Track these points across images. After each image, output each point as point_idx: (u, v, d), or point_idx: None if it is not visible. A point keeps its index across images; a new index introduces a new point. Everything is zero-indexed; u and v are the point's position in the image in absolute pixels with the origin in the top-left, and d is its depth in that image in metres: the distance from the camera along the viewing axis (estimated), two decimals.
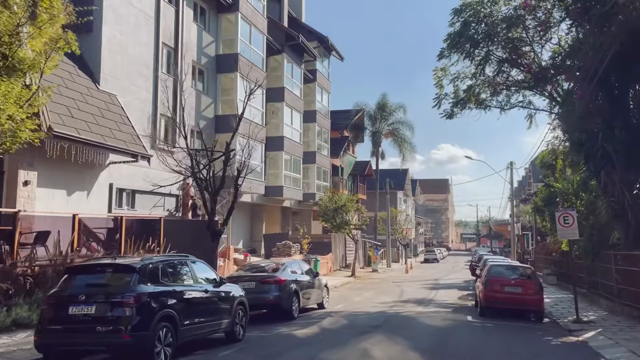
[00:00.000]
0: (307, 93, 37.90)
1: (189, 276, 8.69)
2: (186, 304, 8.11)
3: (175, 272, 8.47)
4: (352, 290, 21.99)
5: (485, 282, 14.74)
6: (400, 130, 50.07)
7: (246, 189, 26.44)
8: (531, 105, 21.95)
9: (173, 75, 22.41)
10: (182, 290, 8.19)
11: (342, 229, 30.56)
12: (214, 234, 13.89)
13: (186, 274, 8.67)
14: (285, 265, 13.46)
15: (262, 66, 28.76)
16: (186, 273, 8.68)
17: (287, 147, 31.78)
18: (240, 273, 13.17)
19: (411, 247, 75.14)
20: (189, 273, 8.71)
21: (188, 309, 8.18)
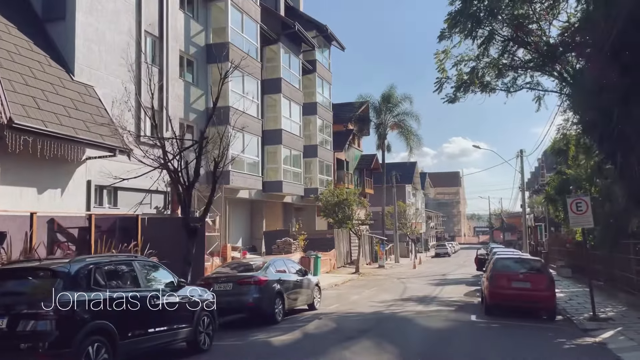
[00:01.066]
0: (306, 85, 36.65)
1: (135, 280, 7.46)
2: (128, 313, 6.90)
3: (116, 275, 7.25)
4: (352, 288, 20.74)
5: (491, 277, 13.41)
6: (406, 121, 48.50)
7: (241, 185, 25.31)
8: (539, 86, 20.50)
9: (158, 66, 21.30)
10: (123, 297, 6.96)
11: (344, 224, 29.27)
12: (190, 231, 12.68)
13: (131, 277, 7.44)
14: (268, 263, 12.23)
15: (257, 56, 27.55)
16: (131, 276, 7.45)
17: (286, 141, 30.56)
18: (217, 273, 11.97)
19: (422, 242, 73.68)
20: (135, 276, 7.48)
21: (131, 318, 6.99)
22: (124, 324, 6.79)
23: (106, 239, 14.78)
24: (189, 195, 12.76)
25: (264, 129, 30.09)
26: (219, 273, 11.98)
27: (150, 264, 8.17)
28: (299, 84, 33.43)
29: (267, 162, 30.28)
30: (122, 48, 19.31)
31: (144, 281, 7.61)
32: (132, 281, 7.41)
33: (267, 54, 30.81)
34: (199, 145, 12.95)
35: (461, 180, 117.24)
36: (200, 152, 12.88)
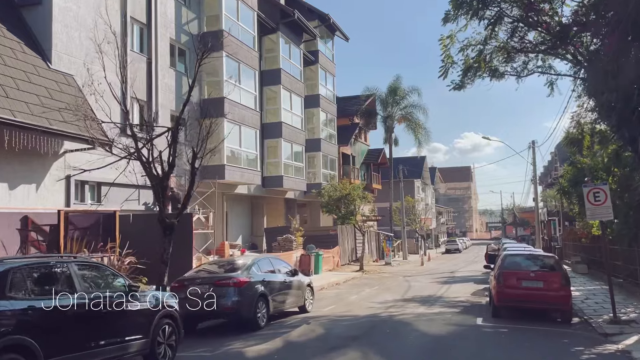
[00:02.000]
0: (309, 76, 35.46)
1: (70, 285, 6.33)
2: (58, 325, 5.80)
3: (44, 280, 6.13)
4: (353, 288, 19.56)
5: (499, 275, 12.16)
6: (414, 114, 47.13)
7: (238, 179, 24.21)
8: (552, 70, 19.12)
9: (146, 55, 20.23)
10: (51, 306, 5.86)
11: (348, 220, 28.07)
12: (166, 228, 11.57)
13: (65, 282, 6.31)
14: (251, 262, 11.08)
15: (254, 45, 26.41)
16: (65, 281, 6.32)
17: (287, 134, 29.40)
18: (194, 274, 10.87)
19: (432, 238, 72.24)
20: (71, 280, 6.35)
21: (62, 331, 5.89)
22: (51, 339, 5.69)
23: (82, 237, 13.80)
24: (164, 189, 11.62)
25: (263, 122, 29.01)
26: (197, 274, 10.84)
27: (93, 266, 7.02)
28: (300, 75, 32.24)
29: (267, 156, 29.17)
30: (105, 36, 18.29)
31: (83, 286, 6.48)
32: (66, 286, 6.28)
33: (266, 44, 29.67)
34: (172, 134, 11.74)
35: (472, 175, 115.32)
36: (175, 140, 11.70)
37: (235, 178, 23.97)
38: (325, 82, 36.90)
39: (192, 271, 11.07)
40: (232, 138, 23.94)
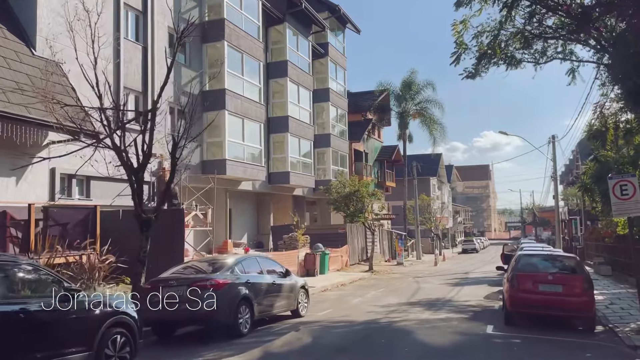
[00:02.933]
0: (318, 70, 34.35)
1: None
2: None
3: None
4: (358, 289, 18.41)
5: (512, 278, 10.91)
6: (429, 109, 45.73)
7: (240, 175, 23.19)
8: (573, 56, 17.74)
9: (142, 43, 19.31)
10: None
11: (356, 218, 26.89)
12: (143, 224, 10.56)
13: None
14: (234, 262, 9.98)
15: (258, 36, 25.36)
16: None
17: (294, 129, 28.32)
18: (170, 274, 9.84)
19: (448, 237, 70.61)
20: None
21: None
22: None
23: (62, 234, 12.89)
24: (139, 180, 10.60)
25: (270, 116, 27.99)
26: (173, 274, 9.79)
27: (19, 267, 5.95)
28: (308, 68, 31.13)
29: (273, 151, 28.14)
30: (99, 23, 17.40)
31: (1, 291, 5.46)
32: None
33: (273, 35, 28.63)
34: (148, 118, 10.72)
35: (491, 174, 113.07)
36: (153, 126, 10.68)
37: (238, 173, 22.96)
38: (336, 76, 35.74)
39: (170, 271, 10.03)
40: (234, 131, 22.98)
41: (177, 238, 15.36)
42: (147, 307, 9.07)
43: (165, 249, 15.01)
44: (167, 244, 15.25)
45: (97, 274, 11.90)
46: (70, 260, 11.72)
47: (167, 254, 13.68)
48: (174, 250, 14.98)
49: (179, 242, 15.33)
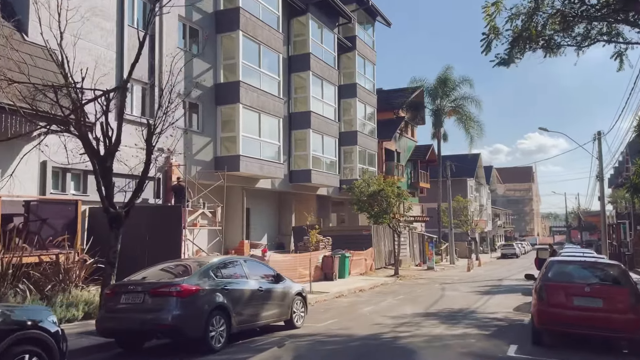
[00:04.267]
0: (346, 65, 32.93)
1: None
2: None
3: None
4: (374, 296, 16.87)
5: (540, 289, 9.20)
6: (465, 106, 43.54)
7: (257, 172, 21.97)
8: (620, 37, 15.74)
9: (149, 32, 18.31)
10: None
11: (381, 219, 25.28)
12: (112, 220, 9.39)
13: None
14: (209, 265, 8.62)
15: (278, 27, 24.14)
16: None
17: (316, 125, 26.97)
18: (134, 278, 8.60)
19: (487, 241, 67.77)
20: None
21: None
22: None
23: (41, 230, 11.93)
24: (107, 170, 9.42)
25: (291, 112, 26.75)
26: (138, 278, 8.54)
27: None
28: (334, 62, 29.73)
29: (294, 148, 26.86)
30: (99, 8, 16.55)
31: None
32: None
33: (295, 27, 27.37)
34: (110, 98, 9.53)
35: (534, 176, 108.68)
36: (122, 107, 9.50)
37: (253, 170, 21.75)
38: (364, 71, 34.18)
39: (141, 274, 8.80)
40: (249, 126, 21.81)
41: (173, 237, 14.25)
42: (104, 316, 7.89)
43: (162, 249, 13.95)
44: (164, 244, 14.18)
45: (74, 275, 10.81)
46: (44, 260, 10.66)
47: (165, 254, 12.58)
48: (171, 250, 13.89)
49: (176, 242, 14.20)
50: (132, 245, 14.19)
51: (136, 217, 14.93)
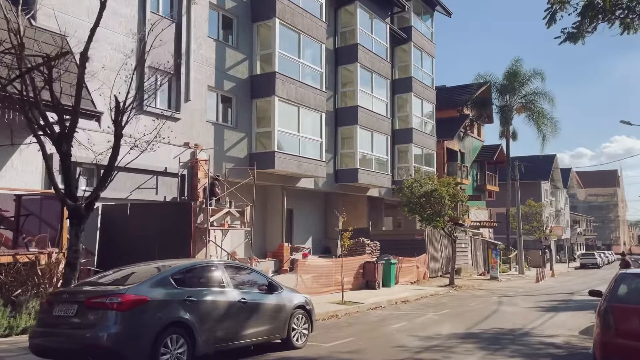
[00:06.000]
0: (401, 58, 30.84)
1: None
2: None
3: None
4: (415, 309, 14.75)
5: (606, 312, 6.89)
6: (537, 102, 39.91)
7: (294, 170, 20.38)
8: None
9: (175, 19, 17.27)
10: None
11: (434, 222, 22.93)
12: (72, 213, 8.05)
13: None
14: (168, 271, 6.93)
15: (321, 15, 22.51)
16: None
17: (364, 120, 25.07)
18: (71, 287, 7.11)
19: (565, 250, 62.61)
20: None
21: None
22: None
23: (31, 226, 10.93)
24: (64, 156, 8.07)
25: (337, 107, 25.03)
26: (81, 286, 7.07)
27: None
28: (385, 54, 27.70)
29: (340, 146, 25.10)
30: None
31: None
32: None
33: (343, 17, 25.66)
34: (54, 65, 8.17)
35: (619, 180, 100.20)
36: (81, 80, 8.15)
37: (290, 168, 20.19)
38: (421, 64, 31.83)
39: (92, 278, 7.37)
40: (286, 121, 20.31)
41: (183, 236, 12.91)
42: (35, 330, 6.49)
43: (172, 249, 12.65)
44: (174, 243, 12.90)
45: (54, 278, 9.61)
46: (21, 260, 9.53)
47: (175, 255, 11.25)
48: (181, 250, 12.57)
49: (185, 241, 12.84)
50: (143, 245, 13.03)
51: (146, 215, 13.83)
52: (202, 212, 15.91)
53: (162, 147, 16.39)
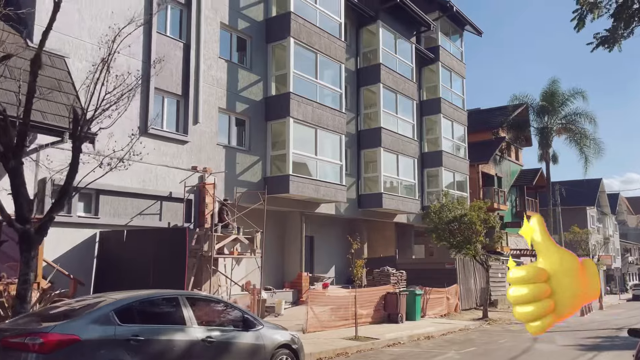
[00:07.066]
0: (428, 78, 29.76)
1: None
2: None
3: None
4: (437, 347, 13.25)
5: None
6: (578, 123, 37.88)
7: (312, 195, 19.31)
8: None
9: (184, 40, 16.75)
10: None
11: (465, 250, 21.32)
12: (22, 238, 7.19)
13: None
14: (112, 304, 5.89)
15: (340, 35, 21.72)
16: None
17: (388, 142, 23.92)
18: (9, 323, 6.18)
19: (616, 280, 58.79)
20: None
21: None
22: None
23: None
24: (14, 173, 7.27)
25: (360, 129, 24.04)
26: (16, 321, 6.13)
27: None
28: (411, 74, 26.65)
29: (363, 170, 23.96)
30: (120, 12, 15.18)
31: None
32: None
33: (365, 37, 24.86)
34: None
35: None
36: (32, 92, 7.38)
37: (307, 193, 19.15)
38: (451, 85, 30.58)
39: (25, 314, 6.44)
40: (302, 143, 19.41)
41: (177, 264, 11.95)
42: None
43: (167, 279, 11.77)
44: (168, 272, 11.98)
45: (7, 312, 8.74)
46: None
47: (169, 285, 10.34)
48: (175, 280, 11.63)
49: (179, 270, 11.87)
50: (139, 274, 12.20)
51: (142, 242, 13.00)
52: (207, 239, 15.03)
53: (168, 170, 15.73)
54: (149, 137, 15.26)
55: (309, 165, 19.63)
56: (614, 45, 13.04)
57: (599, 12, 12.93)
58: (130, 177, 14.47)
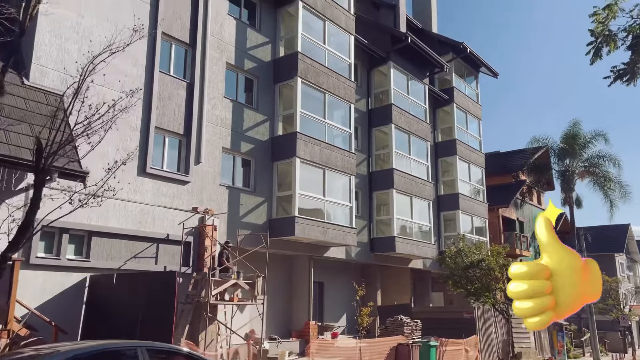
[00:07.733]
0: (443, 119, 29.22)
1: None
2: None
3: None
4: None
5: None
6: (602, 165, 36.57)
7: (319, 237, 18.48)
8: None
9: (188, 80, 16.48)
10: None
11: (483, 298, 20.03)
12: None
13: None
14: (66, 353, 5.20)
15: (349, 75, 21.37)
16: None
17: (401, 184, 23.11)
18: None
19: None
20: None
21: None
22: None
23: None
24: None
25: (371, 170, 23.34)
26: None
27: None
28: (424, 115, 26.10)
29: (375, 212, 23.10)
30: (123, 53, 15.00)
31: None
32: None
33: (376, 79, 24.53)
34: None
35: None
36: None
37: (314, 235, 18.33)
38: (467, 126, 29.92)
39: None
40: (310, 184, 18.74)
41: (164, 312, 11.13)
42: None
43: (154, 327, 10.95)
44: (156, 320, 11.17)
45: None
46: None
47: (155, 334, 9.55)
48: (161, 329, 10.79)
49: (167, 318, 11.04)
50: (127, 320, 11.41)
51: (132, 287, 12.27)
52: (205, 284, 14.22)
53: (166, 211, 15.13)
54: (147, 177, 14.81)
55: (316, 207, 18.89)
56: (632, 79, 12.31)
57: (615, 44, 12.27)
58: (126, 218, 13.93)
